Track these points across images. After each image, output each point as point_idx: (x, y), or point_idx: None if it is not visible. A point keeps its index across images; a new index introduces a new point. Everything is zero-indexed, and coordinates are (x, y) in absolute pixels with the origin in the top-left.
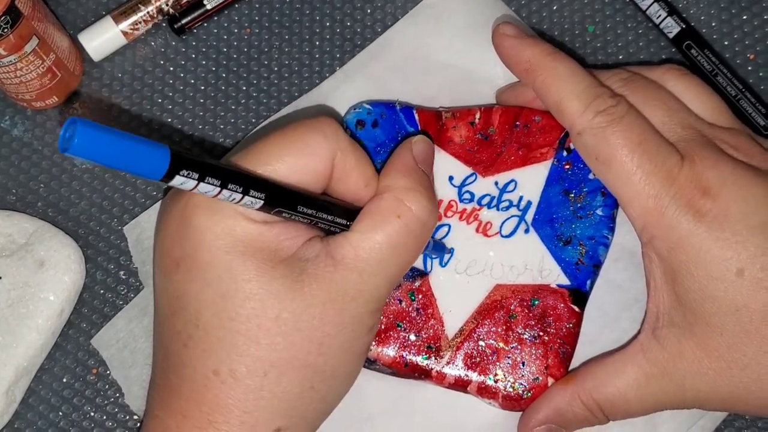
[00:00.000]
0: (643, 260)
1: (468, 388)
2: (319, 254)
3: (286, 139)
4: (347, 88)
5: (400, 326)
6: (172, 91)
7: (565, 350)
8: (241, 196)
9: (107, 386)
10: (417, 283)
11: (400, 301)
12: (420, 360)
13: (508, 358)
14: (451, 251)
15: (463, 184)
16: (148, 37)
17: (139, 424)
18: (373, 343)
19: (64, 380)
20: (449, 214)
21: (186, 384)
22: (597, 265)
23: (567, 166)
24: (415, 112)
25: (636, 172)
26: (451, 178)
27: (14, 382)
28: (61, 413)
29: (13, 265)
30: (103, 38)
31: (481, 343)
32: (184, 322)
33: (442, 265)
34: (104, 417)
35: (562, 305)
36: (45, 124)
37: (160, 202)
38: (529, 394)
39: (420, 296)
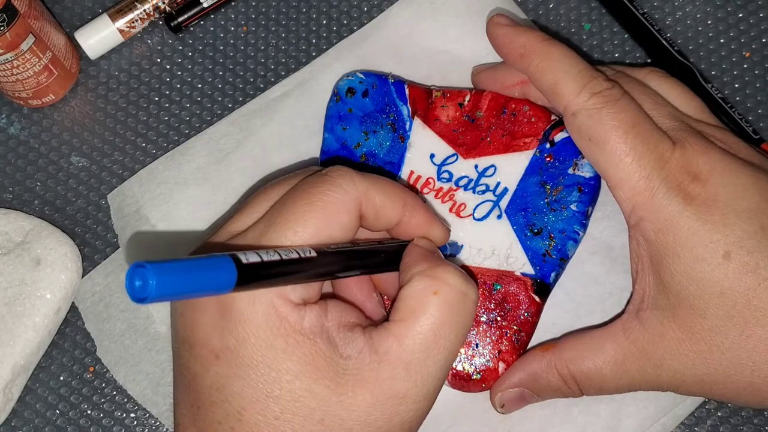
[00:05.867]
0: (629, 244)
1: None
2: (362, 350)
3: (306, 202)
4: (338, 67)
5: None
6: (168, 89)
7: (521, 338)
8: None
9: (104, 384)
10: None
11: None
12: None
13: None
14: (461, 247)
15: (443, 163)
16: (144, 35)
17: (135, 422)
18: None
19: (61, 378)
20: (425, 190)
21: None
22: (564, 259)
23: (548, 159)
24: (406, 87)
25: (629, 154)
26: (432, 156)
27: (11, 380)
28: (58, 411)
29: (9, 263)
30: (99, 36)
31: None
32: (226, 414)
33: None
34: (101, 415)
35: (524, 294)
36: (42, 122)
37: (140, 171)
38: (479, 376)
39: None
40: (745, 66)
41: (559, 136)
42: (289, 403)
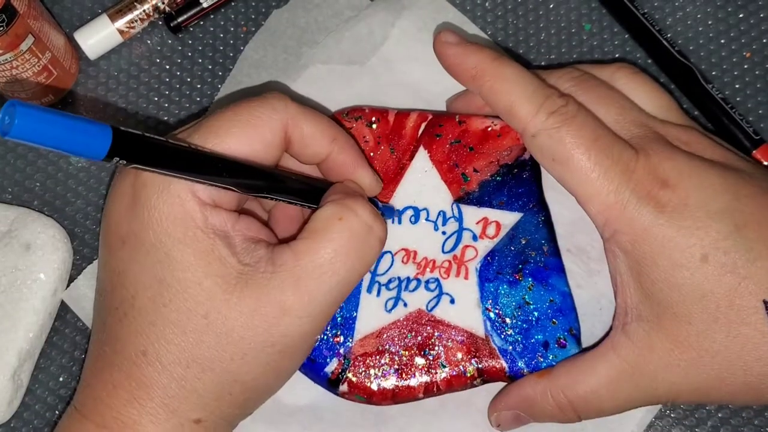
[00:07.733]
0: (606, 257)
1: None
2: (260, 260)
3: (233, 113)
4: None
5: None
6: (168, 89)
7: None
8: (187, 174)
9: None
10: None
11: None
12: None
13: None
14: (398, 211)
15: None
16: (144, 36)
17: None
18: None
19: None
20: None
21: (118, 358)
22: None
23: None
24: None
25: (594, 170)
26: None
27: (19, 366)
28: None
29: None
30: (99, 36)
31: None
32: (122, 299)
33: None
34: None
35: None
36: None
37: None
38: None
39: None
40: (745, 66)
41: None
42: (178, 293)
